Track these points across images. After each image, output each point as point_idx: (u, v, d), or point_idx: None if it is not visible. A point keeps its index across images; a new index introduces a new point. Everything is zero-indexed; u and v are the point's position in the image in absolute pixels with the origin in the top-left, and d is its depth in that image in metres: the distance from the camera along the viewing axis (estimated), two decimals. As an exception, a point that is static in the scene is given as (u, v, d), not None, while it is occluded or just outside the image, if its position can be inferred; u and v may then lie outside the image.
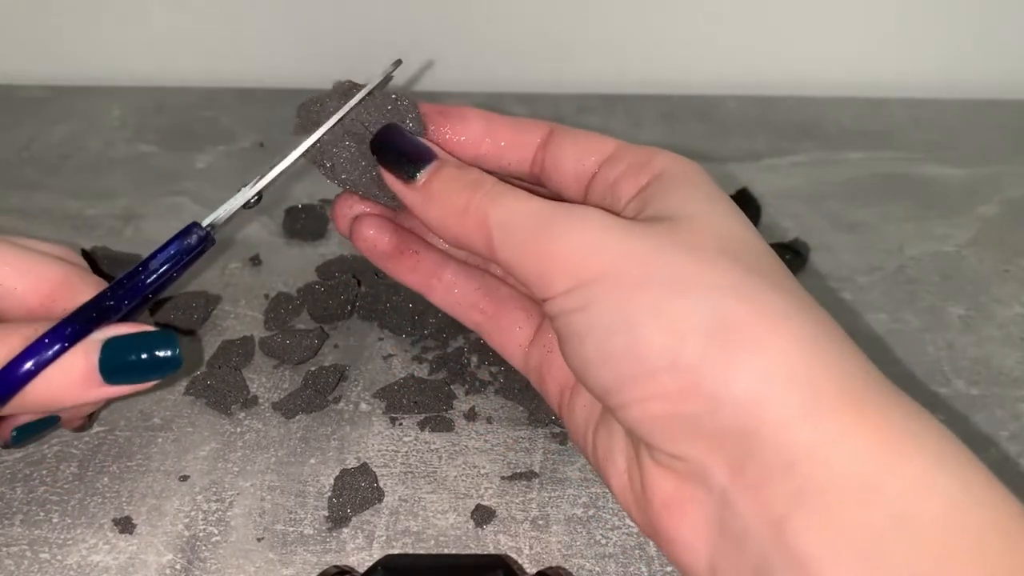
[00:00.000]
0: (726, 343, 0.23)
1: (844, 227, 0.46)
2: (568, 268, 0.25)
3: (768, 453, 0.22)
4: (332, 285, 0.39)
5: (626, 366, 0.24)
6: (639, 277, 0.24)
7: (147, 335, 0.28)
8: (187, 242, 0.30)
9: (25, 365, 0.26)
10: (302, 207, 0.45)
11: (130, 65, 0.61)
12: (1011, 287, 0.42)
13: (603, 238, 0.25)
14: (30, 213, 0.46)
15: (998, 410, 0.35)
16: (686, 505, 0.24)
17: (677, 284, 0.24)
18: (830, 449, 0.22)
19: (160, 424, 0.34)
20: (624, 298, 0.24)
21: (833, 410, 0.22)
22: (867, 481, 0.21)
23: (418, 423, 0.34)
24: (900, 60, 0.60)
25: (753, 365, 0.23)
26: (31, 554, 0.29)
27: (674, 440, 0.24)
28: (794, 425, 0.22)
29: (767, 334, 0.23)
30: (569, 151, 0.30)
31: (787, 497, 0.22)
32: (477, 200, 0.27)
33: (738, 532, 0.23)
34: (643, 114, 0.57)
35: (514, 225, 0.26)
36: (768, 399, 0.22)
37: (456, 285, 0.33)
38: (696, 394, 0.23)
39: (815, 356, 0.23)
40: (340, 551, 0.30)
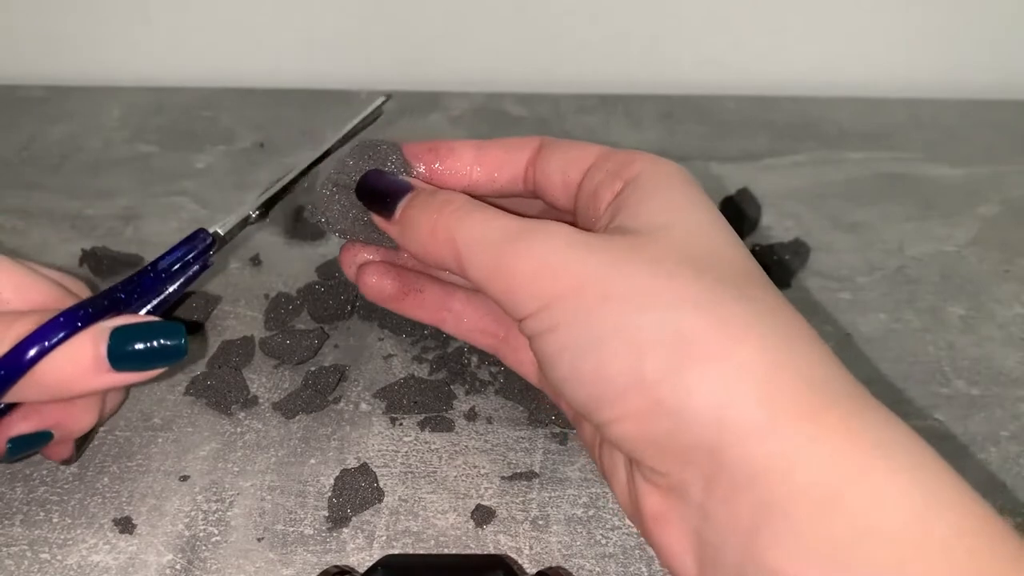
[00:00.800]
0: (685, 358, 0.23)
1: (844, 227, 0.46)
2: (532, 288, 0.25)
3: (734, 466, 0.22)
4: (332, 285, 0.39)
5: (596, 387, 0.24)
6: (600, 294, 0.24)
7: (154, 324, 0.28)
8: (194, 245, 0.32)
9: (34, 348, 0.27)
10: (303, 207, 0.45)
11: (130, 65, 0.61)
12: (1011, 287, 0.42)
13: (564, 255, 0.25)
14: (30, 213, 0.46)
15: (998, 410, 0.35)
16: (670, 518, 0.24)
17: (637, 300, 0.24)
18: (791, 461, 0.22)
19: (160, 424, 0.34)
20: (588, 316, 0.24)
21: (794, 421, 0.22)
22: (829, 493, 0.21)
23: (418, 423, 0.34)
24: (900, 60, 0.60)
25: (711, 379, 0.23)
26: (31, 554, 0.29)
27: (651, 457, 0.24)
28: (755, 438, 0.22)
29: (726, 347, 0.23)
30: (555, 164, 0.30)
31: (753, 511, 0.22)
32: (444, 220, 0.28)
33: (716, 545, 0.23)
34: (643, 114, 0.57)
35: (479, 243, 0.27)
36: (728, 413, 0.22)
37: (464, 314, 0.34)
38: (660, 412, 0.23)
39: (776, 366, 0.23)
40: (340, 551, 0.30)
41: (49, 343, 0.27)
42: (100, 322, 0.28)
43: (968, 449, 0.34)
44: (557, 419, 0.34)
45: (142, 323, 0.28)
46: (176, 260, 0.31)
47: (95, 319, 0.28)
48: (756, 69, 0.60)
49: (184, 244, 0.32)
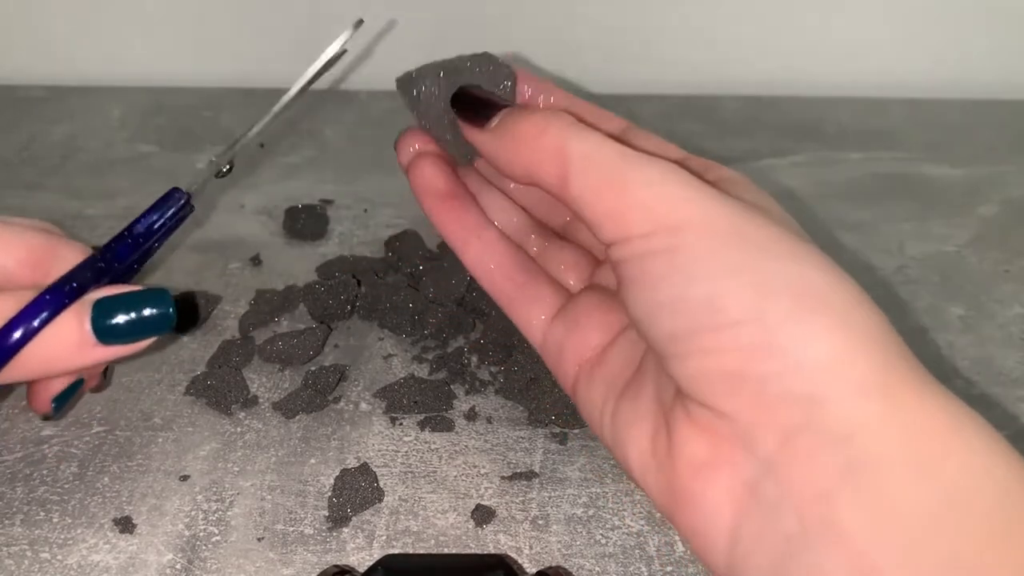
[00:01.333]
0: (810, 308, 0.23)
1: (844, 227, 0.46)
2: (652, 211, 0.25)
3: (828, 422, 0.22)
4: (332, 285, 0.39)
5: (702, 315, 0.24)
6: (730, 233, 0.24)
7: (139, 293, 0.28)
8: (168, 204, 0.31)
9: (18, 330, 0.26)
10: (302, 207, 0.45)
11: (130, 65, 0.61)
12: (1011, 287, 0.42)
13: (692, 191, 0.25)
14: (30, 213, 0.46)
15: (998, 410, 0.35)
16: (720, 468, 0.24)
17: (767, 246, 0.24)
18: (892, 426, 0.22)
19: (160, 424, 0.34)
20: (712, 249, 0.24)
21: (899, 388, 0.22)
22: (924, 461, 0.21)
23: (418, 423, 0.34)
24: (900, 60, 0.60)
25: (833, 333, 0.23)
26: (31, 554, 0.29)
27: (728, 398, 0.24)
28: (860, 397, 0.22)
29: (851, 308, 0.23)
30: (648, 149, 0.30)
31: (839, 469, 0.22)
32: (556, 127, 0.27)
33: (775, 500, 0.23)
34: (643, 114, 0.57)
35: (596, 159, 0.26)
36: (842, 368, 0.22)
37: (493, 248, 0.33)
38: (771, 353, 0.23)
39: (886, 335, 0.23)
40: (340, 551, 0.30)
41: (34, 324, 0.26)
42: (84, 296, 0.27)
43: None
44: (557, 419, 0.34)
45: (126, 293, 0.28)
46: (152, 222, 0.31)
47: (79, 293, 0.27)
48: (756, 69, 0.60)
49: (159, 205, 0.31)
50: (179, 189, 0.31)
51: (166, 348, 0.38)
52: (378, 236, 0.45)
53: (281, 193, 0.49)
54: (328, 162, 0.53)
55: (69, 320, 0.27)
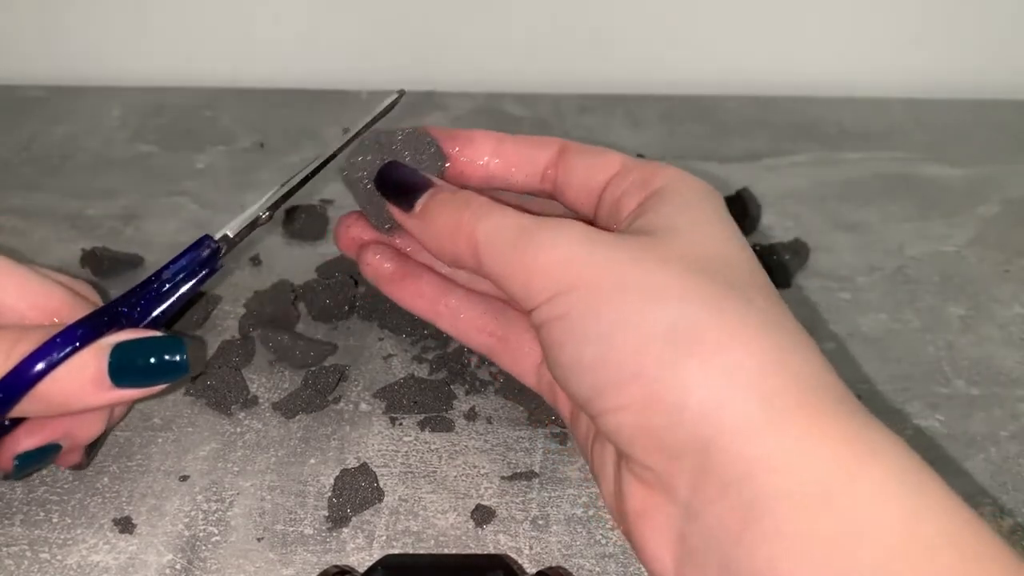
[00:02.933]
0: (687, 352, 0.23)
1: (844, 227, 0.46)
2: (547, 278, 0.26)
3: (726, 464, 0.22)
4: (332, 285, 0.39)
5: (598, 375, 0.25)
6: (613, 286, 0.25)
7: (156, 340, 0.28)
8: (199, 253, 0.31)
9: (38, 364, 0.27)
10: (302, 207, 0.45)
11: (130, 65, 0.61)
12: (1011, 287, 0.42)
13: (581, 249, 0.26)
14: (30, 213, 0.46)
15: (998, 410, 0.35)
16: (653, 515, 0.25)
17: (647, 293, 0.24)
18: (785, 460, 0.22)
19: (160, 424, 0.34)
20: (598, 306, 0.25)
21: (790, 421, 0.22)
22: (819, 492, 0.21)
23: (418, 423, 0.34)
24: (900, 60, 0.60)
25: (709, 375, 0.23)
26: (31, 554, 0.29)
27: (642, 451, 0.24)
28: (750, 435, 0.22)
29: (726, 345, 0.23)
30: (578, 169, 0.31)
31: (742, 509, 0.22)
32: (466, 218, 0.28)
33: (699, 545, 0.23)
34: (643, 114, 0.57)
35: (498, 239, 0.27)
36: (725, 409, 0.23)
37: (462, 310, 0.34)
38: (658, 405, 0.23)
39: (773, 369, 0.23)
40: (340, 551, 0.30)
41: (52, 360, 0.27)
42: (103, 338, 0.28)
43: (968, 449, 0.34)
44: (557, 419, 0.34)
45: (144, 338, 0.28)
46: (181, 269, 0.31)
47: (98, 335, 0.28)
48: (756, 69, 0.60)
49: (189, 252, 0.31)
50: (210, 236, 0.31)
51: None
52: (378, 236, 0.45)
53: (281, 193, 0.49)
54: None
55: (86, 360, 0.27)
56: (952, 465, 0.33)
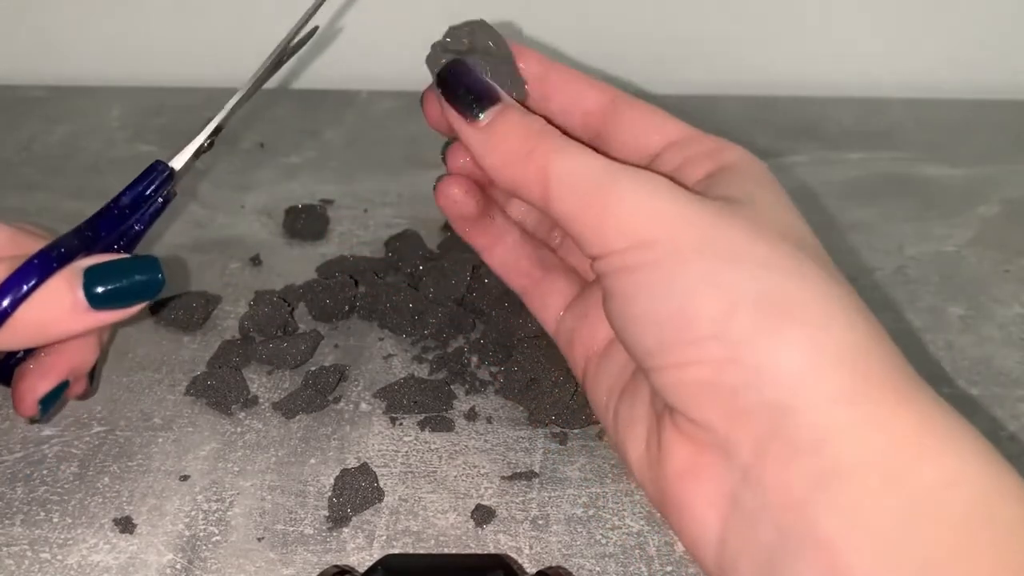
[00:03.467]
0: (777, 318, 0.23)
1: (844, 227, 0.46)
2: (626, 227, 0.25)
3: (800, 431, 0.22)
4: (332, 285, 0.39)
5: (673, 330, 0.24)
6: (697, 245, 0.24)
7: (129, 260, 0.28)
8: (152, 176, 0.32)
9: (7, 296, 0.26)
10: (302, 207, 0.46)
11: (130, 65, 0.61)
12: (1011, 287, 0.42)
13: (664, 203, 0.25)
14: (30, 213, 0.46)
15: (998, 410, 0.35)
16: (702, 475, 0.24)
17: (733, 256, 0.24)
18: (864, 433, 0.22)
19: (160, 424, 0.34)
20: (680, 263, 0.24)
21: (873, 395, 0.22)
22: (896, 468, 0.21)
23: (418, 423, 0.34)
24: (900, 60, 0.60)
25: (801, 342, 0.23)
26: (31, 554, 0.29)
27: (704, 408, 0.24)
28: (832, 406, 0.22)
29: (818, 314, 0.23)
30: (633, 125, 0.30)
31: (813, 477, 0.22)
32: (541, 149, 0.27)
33: (755, 508, 0.23)
34: (643, 114, 0.57)
35: (576, 179, 0.26)
36: (811, 377, 0.22)
37: (513, 251, 0.34)
38: (739, 365, 0.23)
39: (862, 341, 0.23)
40: (340, 551, 0.30)
41: (24, 289, 0.26)
42: (73, 262, 0.27)
43: (968, 449, 0.34)
44: (557, 419, 0.34)
45: (116, 260, 0.28)
46: (137, 195, 0.31)
47: (67, 260, 0.27)
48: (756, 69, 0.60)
49: (143, 177, 0.32)
50: (161, 161, 0.32)
51: (166, 348, 0.38)
52: (378, 236, 0.45)
53: (281, 193, 0.49)
54: (328, 162, 0.53)
55: (60, 285, 0.27)
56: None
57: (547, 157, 0.27)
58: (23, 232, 0.30)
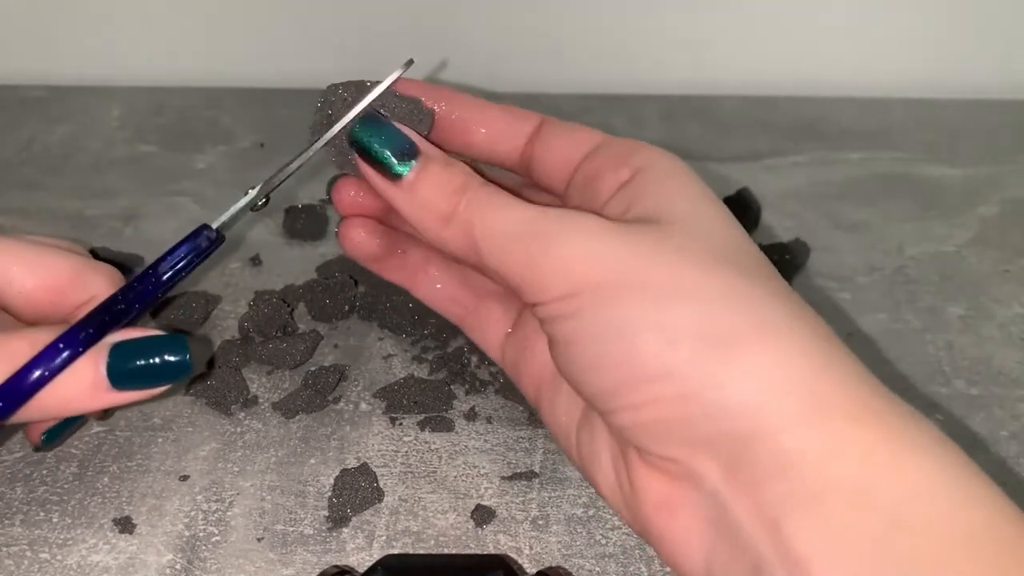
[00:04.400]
0: (722, 350, 0.23)
1: (844, 227, 0.46)
2: (559, 276, 0.25)
3: (763, 457, 0.22)
4: (332, 285, 0.39)
5: (619, 373, 0.24)
6: (631, 284, 0.24)
7: (156, 339, 0.27)
8: (197, 243, 0.30)
9: (34, 373, 0.26)
10: (302, 207, 0.45)
11: (130, 65, 0.61)
12: (1011, 287, 0.42)
13: (595, 246, 0.25)
14: (30, 213, 0.46)
15: (998, 410, 0.35)
16: (678, 505, 0.24)
17: (669, 290, 0.24)
18: (826, 454, 0.22)
19: (160, 424, 0.34)
20: (617, 306, 0.24)
21: (830, 416, 0.22)
22: (863, 485, 0.21)
23: (418, 423, 0.34)
24: (900, 60, 0.60)
25: (749, 373, 0.23)
26: (31, 554, 0.29)
27: (665, 444, 0.24)
28: (790, 430, 0.22)
29: (763, 340, 0.23)
30: (556, 144, 0.30)
31: (781, 499, 0.22)
32: (462, 208, 0.27)
33: (733, 533, 0.23)
34: (643, 114, 0.57)
35: (502, 235, 0.26)
36: (765, 405, 0.22)
37: (439, 280, 0.33)
38: (691, 399, 0.23)
39: (812, 361, 0.23)
40: (340, 551, 0.30)
41: (51, 368, 0.26)
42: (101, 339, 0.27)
43: (968, 449, 0.33)
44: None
45: (143, 338, 0.27)
46: (179, 260, 0.30)
47: (98, 336, 0.27)
48: (756, 69, 0.60)
49: (186, 243, 0.30)
50: (208, 226, 0.30)
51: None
52: (378, 236, 0.45)
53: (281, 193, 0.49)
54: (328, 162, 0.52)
55: (85, 364, 0.26)
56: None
57: (472, 216, 0.26)
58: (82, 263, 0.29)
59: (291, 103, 0.57)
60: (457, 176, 0.27)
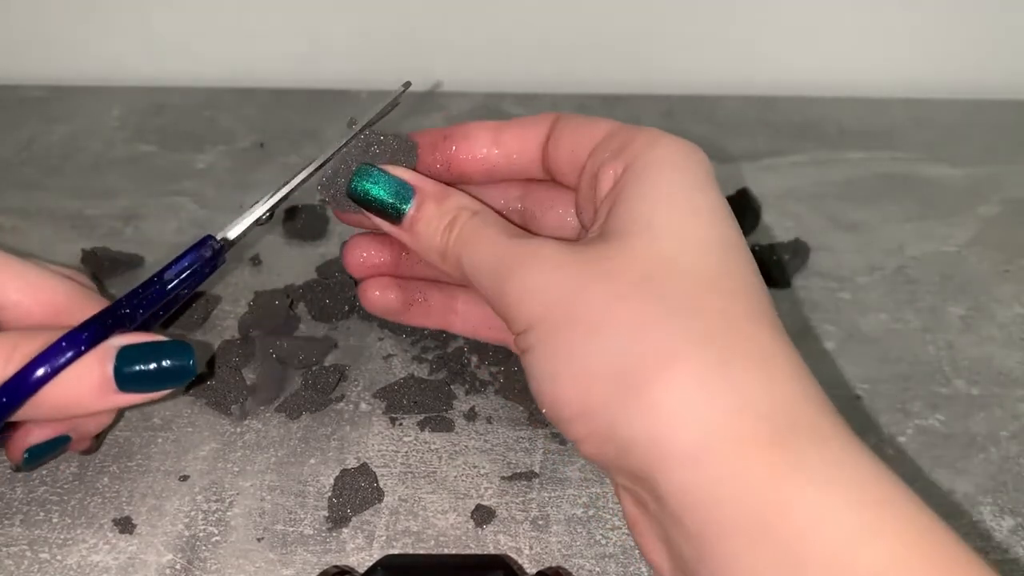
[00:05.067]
0: (629, 387, 0.23)
1: (844, 227, 0.46)
2: (517, 312, 0.26)
3: (673, 495, 0.22)
4: (332, 285, 0.39)
5: (555, 411, 0.25)
6: (565, 319, 0.25)
7: (162, 344, 0.28)
8: (201, 253, 0.30)
9: (40, 369, 0.26)
10: (302, 207, 0.45)
11: (130, 65, 0.60)
12: (1011, 287, 0.42)
13: (542, 279, 0.26)
14: (30, 213, 0.46)
15: (998, 410, 0.35)
16: (640, 524, 0.25)
17: (592, 326, 0.24)
18: (721, 491, 0.22)
19: (160, 424, 0.34)
20: (552, 342, 0.25)
21: (725, 451, 0.22)
22: (760, 522, 0.21)
23: (418, 423, 0.34)
24: (900, 60, 0.60)
25: (651, 407, 0.23)
26: (31, 554, 0.29)
27: (611, 472, 0.25)
28: (687, 467, 0.22)
29: (666, 372, 0.23)
30: (565, 140, 0.30)
31: (695, 538, 0.22)
32: (451, 244, 0.28)
33: (680, 554, 0.23)
34: (643, 114, 0.57)
35: (479, 269, 0.27)
36: (663, 443, 0.22)
37: (470, 313, 0.34)
38: (608, 438, 0.24)
39: (719, 396, 0.22)
40: (340, 551, 0.30)
41: (55, 365, 0.26)
42: (107, 341, 0.27)
43: (968, 449, 0.34)
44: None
45: (149, 342, 0.28)
46: (183, 269, 0.30)
47: (102, 337, 0.27)
48: (756, 69, 0.60)
49: (191, 252, 0.30)
50: (212, 236, 0.31)
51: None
52: (378, 236, 0.45)
53: (281, 193, 0.49)
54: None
55: (91, 364, 0.27)
56: (952, 465, 0.33)
57: (457, 253, 0.28)
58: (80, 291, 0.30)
59: (291, 103, 0.57)
60: (449, 212, 0.29)
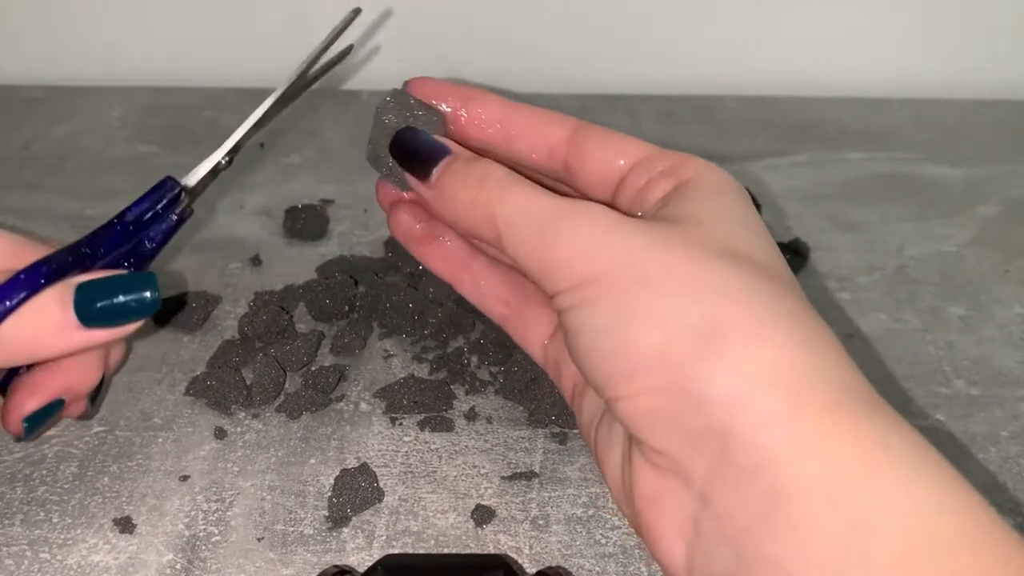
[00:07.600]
0: (709, 345, 0.23)
1: (844, 227, 0.46)
2: (569, 266, 0.26)
3: (741, 455, 0.22)
4: (332, 285, 0.39)
5: (617, 362, 0.25)
6: (633, 276, 0.25)
7: (123, 277, 0.27)
8: (161, 194, 0.30)
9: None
10: (302, 207, 0.45)
11: (130, 65, 0.61)
12: (1011, 287, 0.42)
13: (603, 237, 0.25)
14: (30, 213, 0.46)
15: (998, 410, 0.35)
16: (666, 502, 0.25)
17: (668, 283, 0.24)
18: (802, 454, 0.22)
19: (160, 424, 0.34)
20: (617, 297, 0.25)
21: (807, 416, 0.22)
22: (834, 487, 0.21)
23: (418, 423, 0.34)
24: (900, 60, 0.60)
25: (733, 367, 0.23)
26: (31, 554, 0.29)
27: (658, 435, 0.24)
28: (767, 427, 0.22)
29: (753, 338, 0.23)
30: (596, 152, 0.30)
31: (757, 500, 0.22)
32: (484, 195, 0.28)
33: (713, 533, 0.23)
34: (643, 114, 0.57)
35: (519, 222, 0.27)
36: (746, 401, 0.23)
37: (483, 277, 0.34)
38: (682, 392, 0.23)
39: (796, 362, 0.23)
40: (340, 551, 0.30)
41: (10, 303, 0.25)
42: (65, 279, 0.27)
43: (968, 449, 0.34)
44: (557, 419, 0.34)
45: (110, 276, 0.27)
46: (145, 211, 0.30)
47: (60, 276, 0.26)
48: (756, 69, 0.60)
49: (151, 194, 0.30)
50: (172, 178, 0.30)
51: (166, 348, 0.38)
52: (378, 236, 0.45)
53: (281, 193, 0.49)
54: (328, 162, 0.52)
55: (49, 301, 0.26)
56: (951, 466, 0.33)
57: (491, 204, 0.27)
58: (22, 243, 0.29)
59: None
60: (479, 166, 0.28)
